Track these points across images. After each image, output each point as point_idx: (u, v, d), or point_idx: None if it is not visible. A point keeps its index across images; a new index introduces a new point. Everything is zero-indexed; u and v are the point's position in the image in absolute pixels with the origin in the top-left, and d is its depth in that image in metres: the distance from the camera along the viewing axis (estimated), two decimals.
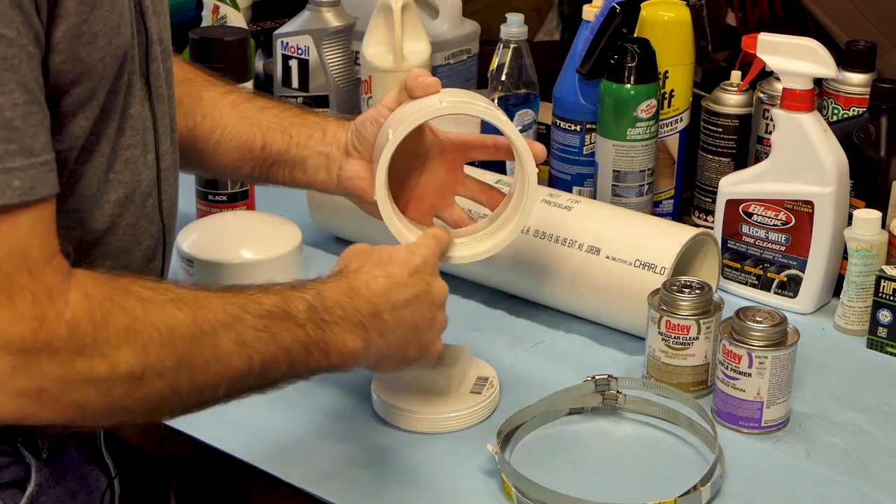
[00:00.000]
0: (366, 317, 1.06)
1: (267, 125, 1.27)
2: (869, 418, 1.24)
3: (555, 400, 1.22)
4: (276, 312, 0.99)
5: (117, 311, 0.90)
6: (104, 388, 0.90)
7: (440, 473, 1.15)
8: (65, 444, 1.07)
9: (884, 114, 1.40)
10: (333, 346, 1.04)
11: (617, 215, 1.41)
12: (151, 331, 0.91)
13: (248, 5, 2.00)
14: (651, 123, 1.52)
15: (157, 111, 1.05)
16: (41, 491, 1.03)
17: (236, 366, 0.97)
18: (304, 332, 1.01)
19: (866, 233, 1.36)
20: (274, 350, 0.99)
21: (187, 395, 0.95)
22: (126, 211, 1.03)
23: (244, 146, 1.26)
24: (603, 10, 1.51)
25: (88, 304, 0.89)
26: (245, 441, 1.20)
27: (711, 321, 1.24)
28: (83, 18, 0.91)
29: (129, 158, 1.02)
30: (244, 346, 0.97)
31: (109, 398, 0.90)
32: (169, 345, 0.92)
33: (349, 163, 1.24)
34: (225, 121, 1.27)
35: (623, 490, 1.13)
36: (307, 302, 1.02)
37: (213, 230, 1.47)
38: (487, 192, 1.29)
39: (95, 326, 0.89)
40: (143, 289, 0.93)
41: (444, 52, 1.83)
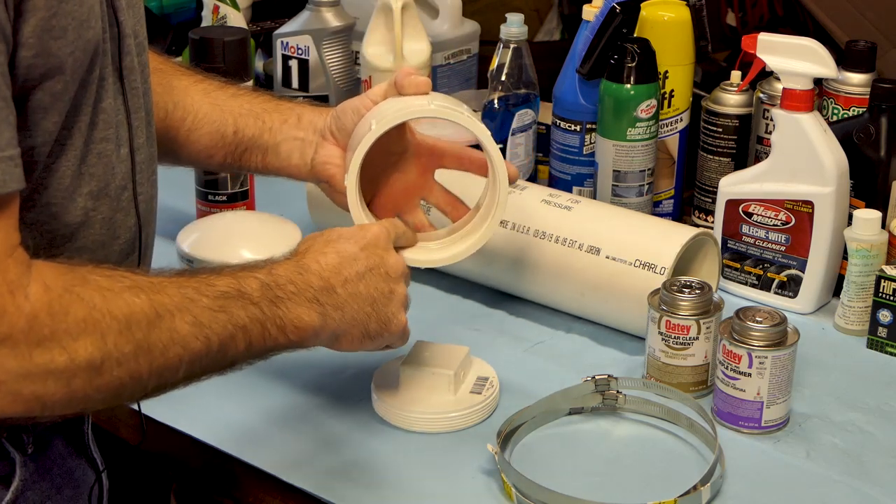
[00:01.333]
0: (318, 291, 1.07)
1: (239, 111, 1.26)
2: (869, 418, 1.24)
3: (555, 400, 1.22)
4: (230, 293, 1.00)
5: (76, 301, 0.91)
6: (63, 378, 0.90)
7: (440, 473, 1.15)
8: (50, 439, 1.07)
9: (884, 114, 1.40)
10: (289, 322, 1.04)
11: (617, 215, 1.41)
12: (109, 319, 0.92)
13: (248, 5, 2.00)
14: (651, 123, 1.52)
15: (130, 105, 1.05)
16: (26, 486, 1.03)
17: (194, 347, 0.97)
18: (258, 310, 1.02)
19: (866, 233, 1.36)
20: (231, 329, 1.00)
21: (147, 379, 0.96)
22: (100, 204, 1.03)
23: (216, 133, 1.26)
24: (603, 10, 1.51)
25: (48, 296, 0.90)
26: (244, 441, 1.20)
27: (711, 321, 1.24)
28: (52, 13, 0.91)
29: (102, 152, 1.02)
30: (201, 327, 0.98)
31: (69, 388, 0.91)
32: (127, 332, 0.93)
33: (324, 147, 1.24)
34: (196, 108, 1.26)
35: (623, 490, 1.13)
36: (259, 280, 1.03)
37: (213, 230, 1.47)
38: (453, 203, 1.29)
39: (54, 318, 0.89)
40: (101, 277, 0.94)
41: (444, 52, 1.83)
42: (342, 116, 1.22)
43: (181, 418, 1.22)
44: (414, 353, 1.26)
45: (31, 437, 1.04)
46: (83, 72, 0.97)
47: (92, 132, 1.00)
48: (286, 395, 1.26)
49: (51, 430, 1.07)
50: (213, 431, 1.21)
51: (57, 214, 1.00)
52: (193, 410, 1.23)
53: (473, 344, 1.30)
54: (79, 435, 1.11)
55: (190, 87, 1.28)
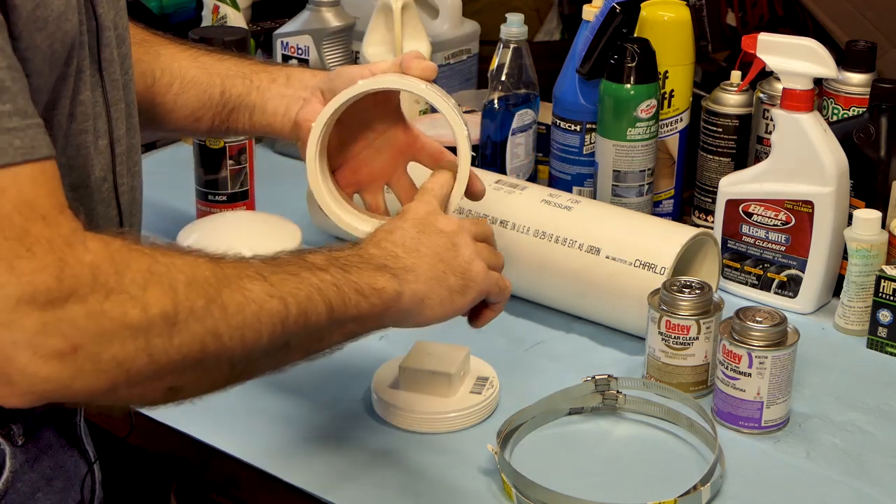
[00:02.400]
0: (383, 258, 1.05)
1: (227, 72, 1.25)
2: (869, 418, 1.24)
3: (555, 400, 1.22)
4: (293, 262, 0.98)
5: (137, 254, 0.87)
6: (141, 336, 0.85)
7: (440, 473, 1.15)
8: (41, 430, 1.06)
9: (884, 114, 1.40)
10: (366, 285, 1.01)
11: (617, 215, 1.41)
12: (175, 272, 0.88)
13: (248, 5, 2.00)
14: (651, 123, 1.52)
15: (110, 97, 1.04)
16: (16, 477, 1.03)
17: (272, 308, 0.93)
18: (329, 276, 0.99)
19: (866, 233, 1.36)
20: (306, 290, 0.96)
21: (228, 340, 0.90)
22: (80, 195, 1.02)
23: (203, 94, 1.25)
24: (603, 10, 1.51)
25: (108, 248, 0.86)
26: (245, 441, 1.20)
27: (711, 321, 1.24)
28: (36, 3, 0.91)
29: (81, 144, 1.02)
30: (274, 287, 0.94)
31: (149, 349, 0.85)
32: (195, 285, 0.88)
33: (310, 104, 1.22)
34: (184, 72, 1.25)
35: (623, 490, 1.13)
36: (324, 255, 1.01)
37: (213, 230, 1.46)
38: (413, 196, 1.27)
39: (118, 268, 0.85)
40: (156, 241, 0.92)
41: (444, 52, 1.83)
42: (336, 79, 1.20)
43: (181, 417, 1.22)
44: (414, 353, 1.26)
45: (21, 427, 1.04)
46: (61, 65, 0.97)
47: (70, 125, 1.00)
48: (286, 395, 1.26)
49: (42, 420, 1.06)
50: (213, 431, 1.21)
51: None
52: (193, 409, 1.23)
53: (473, 344, 1.30)
54: (70, 426, 1.11)
55: (177, 54, 1.27)
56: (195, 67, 1.26)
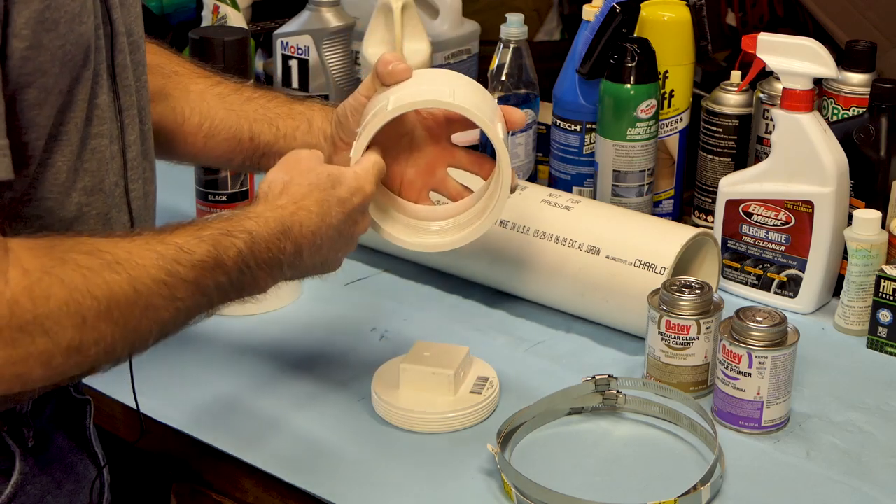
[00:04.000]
0: (287, 256, 1.07)
1: (254, 116, 1.28)
2: (869, 418, 1.24)
3: (555, 400, 1.22)
4: (206, 263, 1.00)
5: (56, 284, 0.91)
6: (44, 359, 0.91)
7: (440, 473, 1.15)
8: (52, 433, 1.07)
9: (884, 114, 1.40)
10: (248, 287, 1.05)
11: (617, 215, 1.41)
12: (90, 301, 0.92)
13: (248, 5, 2.00)
14: (651, 123, 1.52)
15: (122, 102, 1.05)
16: (26, 480, 1.04)
17: (164, 317, 0.98)
18: (227, 280, 1.03)
19: (866, 233, 1.36)
20: (198, 299, 1.01)
21: (119, 351, 0.97)
22: (95, 200, 1.03)
23: (233, 138, 1.28)
24: (603, 10, 1.51)
25: (27, 280, 0.89)
26: (245, 441, 1.20)
27: (711, 321, 1.24)
28: (46, 4, 0.92)
29: (97, 147, 1.02)
30: (174, 300, 0.98)
31: (49, 368, 0.92)
32: (106, 313, 0.93)
33: (337, 154, 1.24)
34: (213, 114, 1.28)
35: (623, 490, 1.13)
36: (237, 249, 1.03)
37: None
38: (479, 161, 1.27)
39: (35, 303, 0.89)
40: (81, 255, 0.93)
41: (444, 52, 1.83)
42: (344, 121, 1.23)
43: (181, 417, 1.22)
44: (414, 353, 1.26)
45: (31, 431, 1.04)
46: (76, 67, 0.97)
47: (87, 128, 1.01)
48: (286, 396, 1.26)
49: (53, 425, 1.07)
50: (213, 431, 1.21)
51: (52, 209, 1.00)
52: (194, 410, 1.23)
53: (473, 344, 1.30)
54: (80, 430, 1.11)
55: (206, 92, 1.29)
56: (223, 109, 1.28)
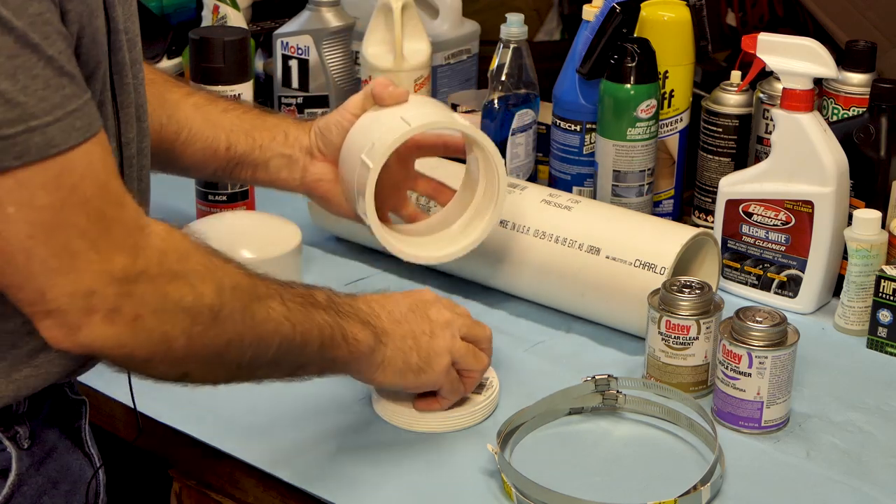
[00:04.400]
0: (368, 315, 1.13)
1: (230, 127, 1.31)
2: (869, 418, 1.24)
3: (555, 400, 1.22)
4: (306, 296, 1.07)
5: (195, 248, 0.98)
6: (189, 318, 0.95)
7: (440, 473, 1.15)
8: (47, 433, 1.07)
9: (884, 114, 1.40)
10: (350, 335, 1.10)
11: (617, 215, 1.41)
12: (222, 274, 0.99)
13: (248, 5, 2.00)
14: (651, 123, 1.52)
15: (119, 100, 1.05)
16: (22, 480, 1.04)
17: (284, 331, 1.03)
18: (328, 317, 1.08)
19: (866, 233, 1.36)
20: (310, 325, 1.06)
21: (246, 346, 1.01)
22: None
23: (209, 148, 1.31)
24: (603, 10, 1.51)
25: (171, 237, 0.96)
26: (244, 441, 1.20)
27: (711, 321, 1.24)
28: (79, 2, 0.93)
29: None
30: (290, 314, 1.04)
31: (191, 332, 0.96)
32: (238, 290, 0.99)
33: (314, 165, 1.29)
34: (190, 123, 1.31)
35: (623, 490, 1.13)
36: (325, 294, 1.10)
37: (213, 230, 1.46)
38: (438, 188, 1.36)
39: (180, 257, 0.96)
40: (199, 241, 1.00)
41: (444, 52, 1.83)
42: (326, 133, 1.28)
43: (181, 418, 1.22)
44: None
45: (27, 430, 1.04)
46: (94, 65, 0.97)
47: None
48: (286, 395, 1.26)
49: (47, 424, 1.07)
50: (213, 431, 1.21)
51: None
52: (194, 410, 1.23)
53: None
54: (75, 430, 1.11)
55: (181, 101, 1.32)
56: (200, 118, 1.32)
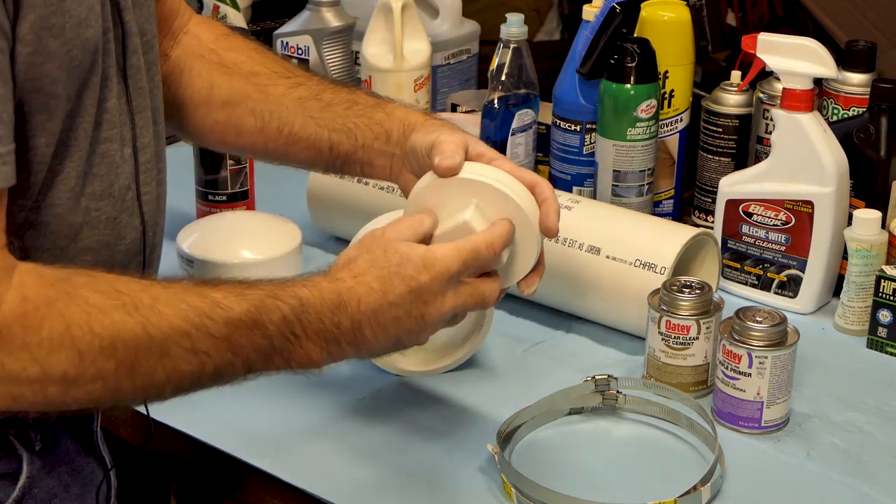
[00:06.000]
0: (344, 332, 1.02)
1: (332, 126, 1.24)
2: (869, 418, 1.24)
3: (555, 400, 1.22)
4: (243, 321, 0.97)
5: (54, 317, 0.90)
6: (37, 387, 0.91)
7: (440, 473, 1.15)
8: (59, 436, 1.07)
9: (884, 114, 1.40)
10: (296, 357, 1.01)
11: (617, 215, 1.41)
12: (91, 337, 0.91)
13: (248, 5, 2.00)
14: (651, 123, 1.52)
15: (134, 104, 1.05)
16: (33, 483, 1.04)
17: (185, 370, 0.96)
18: (268, 343, 0.98)
19: (866, 233, 1.36)
20: (230, 357, 0.97)
21: (129, 393, 0.96)
22: (104, 205, 1.03)
23: (313, 147, 1.25)
24: (603, 10, 1.51)
25: (23, 307, 0.90)
26: (244, 440, 1.20)
27: (711, 321, 1.24)
28: (51, 10, 0.92)
29: (106, 152, 1.02)
30: (196, 353, 0.96)
31: (44, 396, 0.92)
32: (110, 351, 0.92)
33: (403, 174, 1.21)
34: (292, 120, 1.25)
35: (623, 490, 1.13)
36: (283, 314, 0.99)
37: (213, 230, 1.46)
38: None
39: (27, 331, 0.89)
40: (92, 292, 0.93)
41: (444, 52, 1.83)
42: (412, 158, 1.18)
43: (181, 418, 1.22)
44: None
45: (38, 434, 1.05)
46: (84, 71, 0.97)
47: (96, 132, 1.01)
48: (287, 396, 1.26)
49: (59, 427, 1.07)
50: (213, 431, 1.21)
51: (61, 215, 1.00)
52: (194, 411, 1.23)
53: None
54: (87, 433, 1.11)
55: (284, 96, 1.26)
56: (303, 116, 1.25)
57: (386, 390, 1.28)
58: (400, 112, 1.22)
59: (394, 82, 1.71)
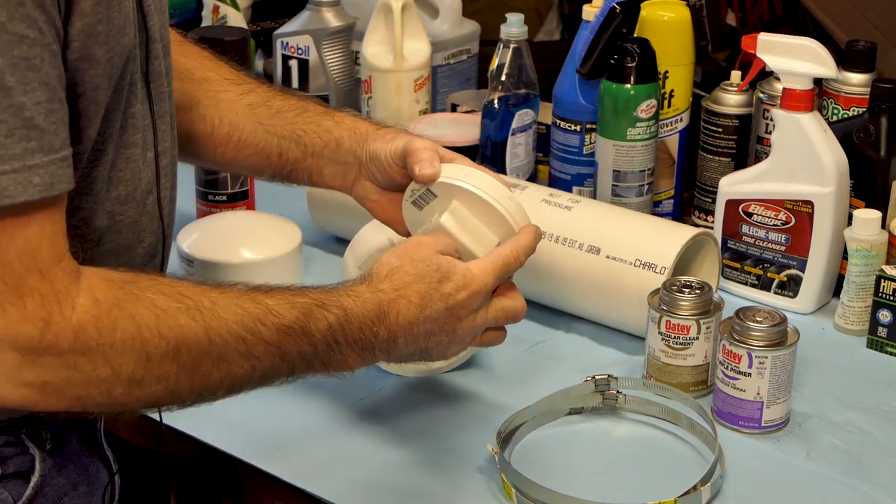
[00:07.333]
0: (380, 341, 1.06)
1: (282, 132, 1.26)
2: (869, 418, 1.24)
3: (555, 400, 1.22)
4: (293, 329, 1.00)
5: (125, 318, 0.92)
6: (105, 387, 0.92)
7: (440, 473, 1.15)
8: (66, 436, 1.08)
9: (884, 114, 1.40)
10: (334, 363, 1.05)
11: (617, 215, 1.41)
12: (158, 340, 0.93)
13: (248, 5, 2.00)
14: (651, 123, 1.52)
15: (156, 109, 1.05)
16: (45, 481, 1.05)
17: (238, 373, 0.99)
18: (312, 349, 1.02)
19: (866, 233, 1.36)
20: (278, 362, 1.01)
21: (186, 394, 0.98)
22: (128, 209, 1.04)
23: (262, 153, 1.27)
24: (603, 10, 1.51)
25: (96, 309, 0.91)
26: (244, 440, 1.20)
27: (711, 321, 1.24)
28: (98, 18, 0.93)
29: (130, 157, 1.03)
30: (250, 358, 0.99)
31: (109, 396, 0.93)
32: (175, 354, 0.94)
33: (360, 182, 1.23)
34: (242, 125, 1.26)
35: (623, 490, 1.13)
36: (328, 322, 1.02)
37: (213, 230, 1.47)
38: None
39: (101, 332, 0.91)
40: (158, 295, 0.94)
41: (444, 52, 1.83)
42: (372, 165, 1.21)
43: (182, 419, 1.22)
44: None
45: (49, 433, 1.05)
46: (117, 78, 0.98)
47: (122, 137, 1.02)
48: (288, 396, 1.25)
49: (66, 427, 1.08)
50: (213, 432, 1.21)
51: (87, 219, 1.01)
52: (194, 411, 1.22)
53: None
54: (92, 432, 1.12)
55: (235, 102, 1.27)
56: (252, 122, 1.26)
57: (386, 390, 1.28)
58: (349, 121, 1.25)
59: (394, 82, 1.71)
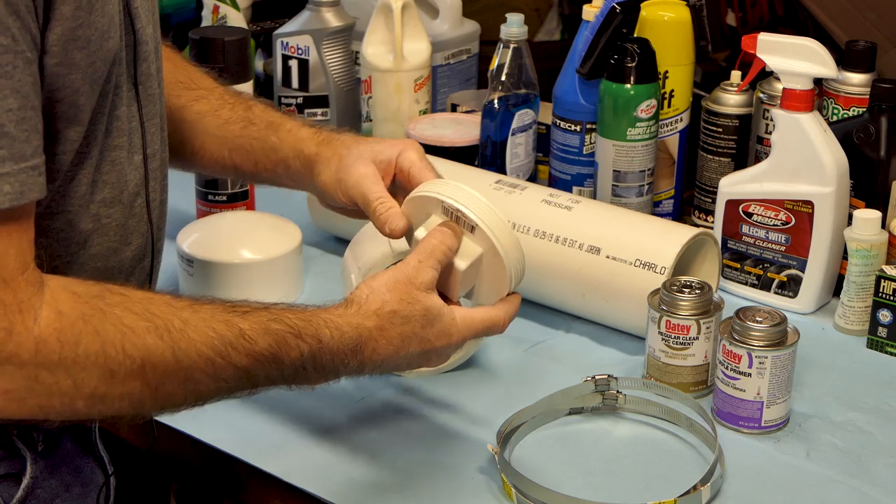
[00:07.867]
0: (348, 369, 1.05)
1: (232, 146, 1.26)
2: (869, 418, 1.24)
3: (555, 400, 1.22)
4: (264, 356, 0.99)
5: (89, 334, 0.91)
6: (66, 399, 0.91)
7: (440, 473, 1.15)
8: (59, 437, 1.08)
9: (884, 114, 1.40)
10: (297, 382, 1.04)
11: (617, 215, 1.41)
12: (123, 358, 0.92)
13: (248, 5, 2.00)
14: (651, 123, 1.52)
15: (144, 111, 1.05)
16: (36, 483, 1.04)
17: (203, 392, 0.98)
18: (280, 374, 1.01)
19: (866, 233, 1.36)
20: (244, 383, 1.00)
21: (149, 409, 0.98)
22: (114, 212, 1.03)
23: (216, 163, 1.27)
24: (603, 10, 1.51)
25: (59, 322, 0.90)
26: (244, 440, 1.20)
27: (711, 321, 1.24)
28: (78, 23, 0.92)
29: (115, 159, 1.03)
30: (218, 380, 0.98)
31: (71, 409, 0.92)
32: (139, 373, 0.93)
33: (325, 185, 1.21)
34: (193, 135, 1.26)
35: (623, 490, 1.13)
36: (300, 352, 1.01)
37: (213, 230, 1.46)
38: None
39: (63, 346, 0.90)
40: (126, 312, 0.93)
41: (444, 52, 1.83)
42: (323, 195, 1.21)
43: (182, 419, 1.22)
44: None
45: (41, 435, 1.05)
46: (102, 82, 0.97)
47: (106, 140, 1.01)
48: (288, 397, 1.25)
49: (59, 428, 1.08)
50: (213, 432, 1.21)
51: (72, 222, 1.00)
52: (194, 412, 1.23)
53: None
54: (86, 433, 1.12)
55: (185, 109, 1.26)
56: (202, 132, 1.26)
57: (385, 391, 1.28)
58: (291, 140, 1.23)
59: (394, 82, 1.71)
